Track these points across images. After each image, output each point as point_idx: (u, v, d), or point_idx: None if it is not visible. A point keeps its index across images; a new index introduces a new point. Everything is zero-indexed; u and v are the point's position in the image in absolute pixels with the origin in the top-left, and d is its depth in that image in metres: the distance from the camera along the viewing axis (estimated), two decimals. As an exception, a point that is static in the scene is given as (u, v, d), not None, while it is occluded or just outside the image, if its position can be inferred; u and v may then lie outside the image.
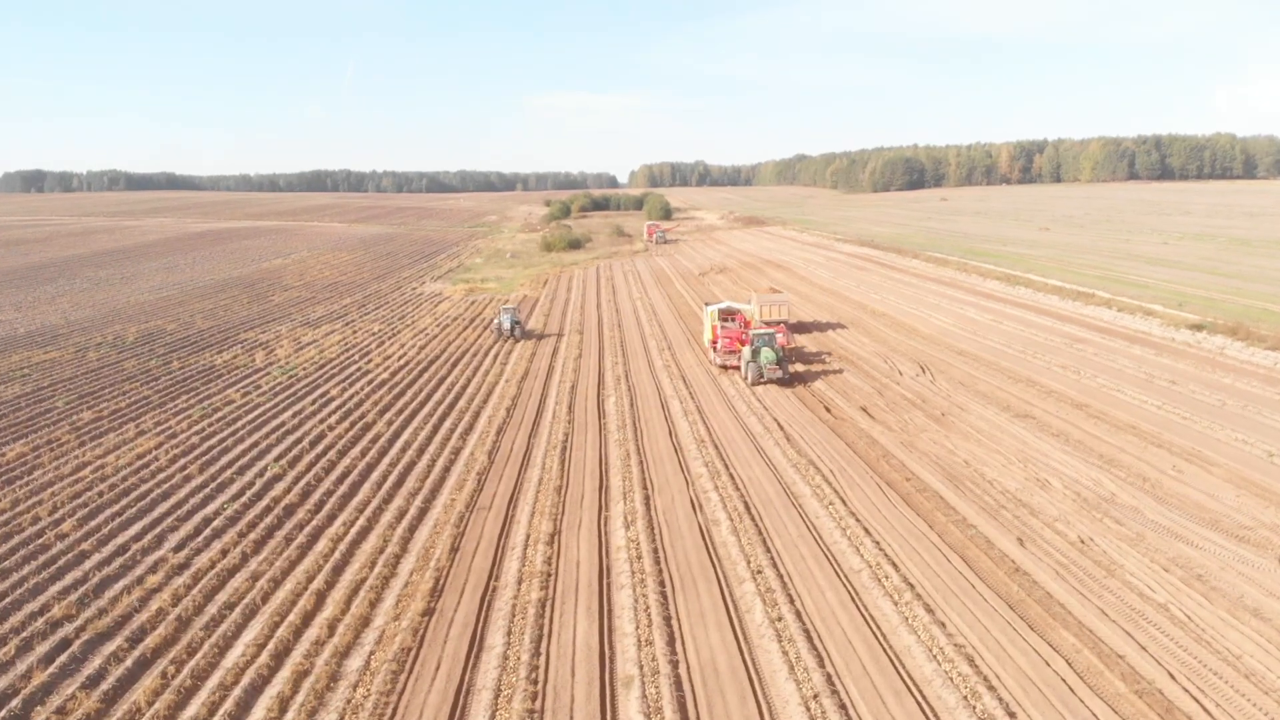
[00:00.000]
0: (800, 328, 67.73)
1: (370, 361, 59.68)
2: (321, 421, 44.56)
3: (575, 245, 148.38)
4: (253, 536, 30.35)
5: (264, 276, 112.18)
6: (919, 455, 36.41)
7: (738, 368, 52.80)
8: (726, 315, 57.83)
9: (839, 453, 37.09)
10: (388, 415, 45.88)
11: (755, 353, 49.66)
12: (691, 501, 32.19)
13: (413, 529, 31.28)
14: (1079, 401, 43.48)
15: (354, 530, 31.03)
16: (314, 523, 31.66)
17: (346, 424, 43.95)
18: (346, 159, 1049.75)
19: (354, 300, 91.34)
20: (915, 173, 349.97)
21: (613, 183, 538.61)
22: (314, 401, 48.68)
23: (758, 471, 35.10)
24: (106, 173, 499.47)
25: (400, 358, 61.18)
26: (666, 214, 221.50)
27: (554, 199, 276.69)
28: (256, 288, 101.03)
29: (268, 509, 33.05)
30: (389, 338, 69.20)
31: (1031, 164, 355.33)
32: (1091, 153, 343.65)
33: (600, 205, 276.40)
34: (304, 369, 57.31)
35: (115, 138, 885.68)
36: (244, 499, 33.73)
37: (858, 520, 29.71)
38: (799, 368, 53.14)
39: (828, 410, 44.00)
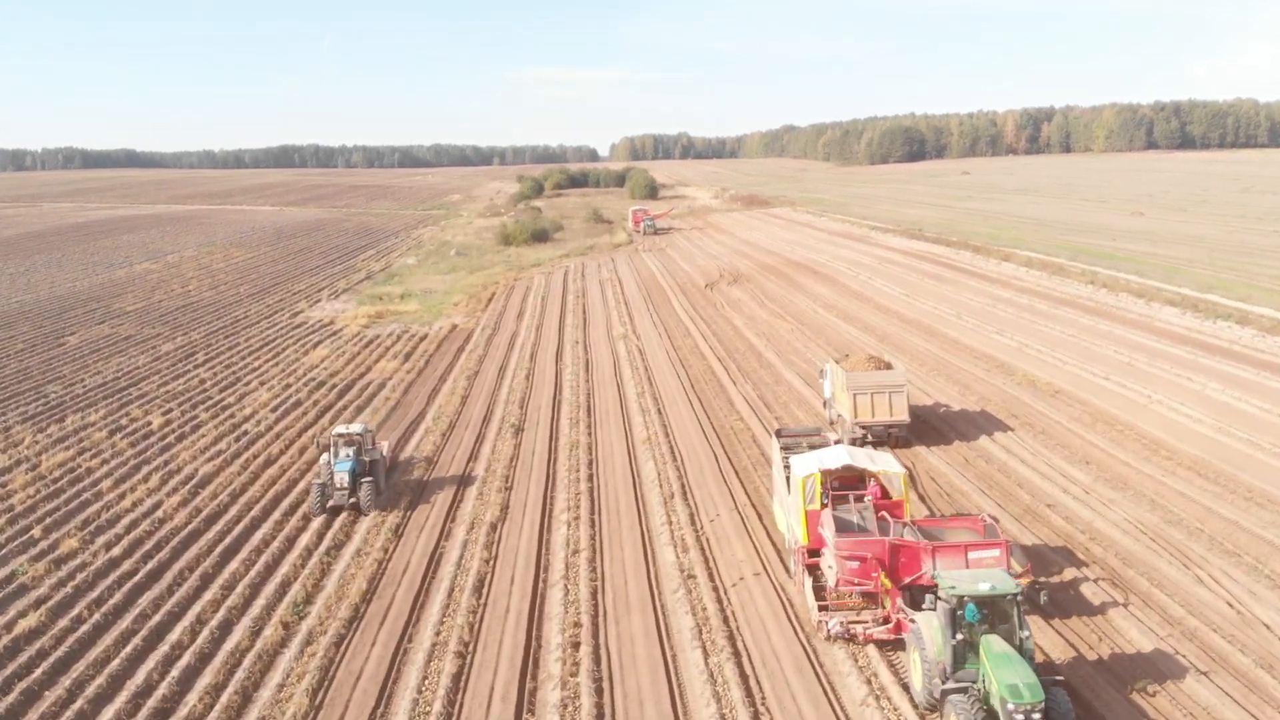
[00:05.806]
0: (921, 426, 36.69)
1: (56, 551, 28.05)
2: None
3: (541, 237, 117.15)
4: None
5: (100, 293, 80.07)
6: None
7: (877, 641, 20.85)
8: (843, 488, 23.15)
9: None
10: None
11: (964, 649, 17.31)
12: None
13: None
14: None
15: None
16: None
17: None
18: (320, 134, 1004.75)
19: (184, 344, 59.34)
20: (915, 143, 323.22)
21: (593, 156, 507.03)
22: None
23: None
24: (62, 150, 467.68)
25: (132, 526, 29.66)
26: (652, 191, 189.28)
27: (527, 175, 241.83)
28: (65, 317, 69.01)
29: None
30: (163, 453, 37.51)
31: (1039, 133, 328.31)
32: (1105, 120, 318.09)
33: (578, 181, 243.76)
34: (-112, 582, 25.88)
35: (84, 115, 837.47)
36: None
37: None
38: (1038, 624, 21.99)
39: None
